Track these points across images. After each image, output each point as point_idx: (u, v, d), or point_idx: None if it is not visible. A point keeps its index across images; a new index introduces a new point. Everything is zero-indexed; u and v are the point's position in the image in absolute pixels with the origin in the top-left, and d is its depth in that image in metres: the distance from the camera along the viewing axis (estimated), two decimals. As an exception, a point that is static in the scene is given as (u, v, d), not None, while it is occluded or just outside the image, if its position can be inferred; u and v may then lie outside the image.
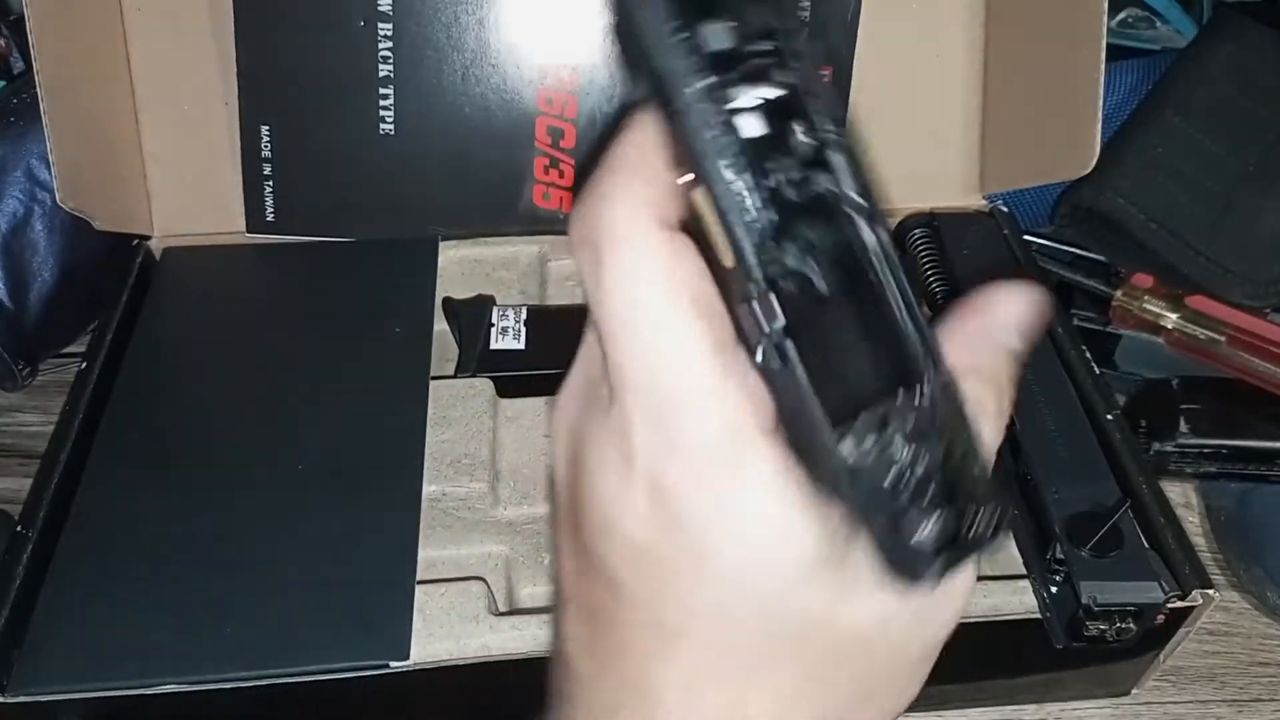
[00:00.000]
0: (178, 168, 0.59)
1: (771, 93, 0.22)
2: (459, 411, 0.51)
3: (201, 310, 0.57)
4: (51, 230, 0.59)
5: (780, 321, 0.22)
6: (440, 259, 0.58)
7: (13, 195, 0.58)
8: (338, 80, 0.57)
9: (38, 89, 0.49)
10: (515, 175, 0.58)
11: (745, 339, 0.23)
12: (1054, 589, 0.43)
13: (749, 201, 0.22)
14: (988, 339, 0.27)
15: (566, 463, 0.27)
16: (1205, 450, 0.55)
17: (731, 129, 0.22)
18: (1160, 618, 0.43)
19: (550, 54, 0.57)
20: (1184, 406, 0.56)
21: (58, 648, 0.42)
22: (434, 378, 0.52)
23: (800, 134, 0.22)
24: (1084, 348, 0.52)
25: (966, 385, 0.25)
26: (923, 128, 0.61)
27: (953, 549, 0.23)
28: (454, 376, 0.54)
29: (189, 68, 0.58)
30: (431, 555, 0.46)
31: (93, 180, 0.54)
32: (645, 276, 0.23)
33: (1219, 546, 0.56)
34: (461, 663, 0.42)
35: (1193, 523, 0.58)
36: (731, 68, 0.22)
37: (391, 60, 0.57)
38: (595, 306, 0.24)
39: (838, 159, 0.22)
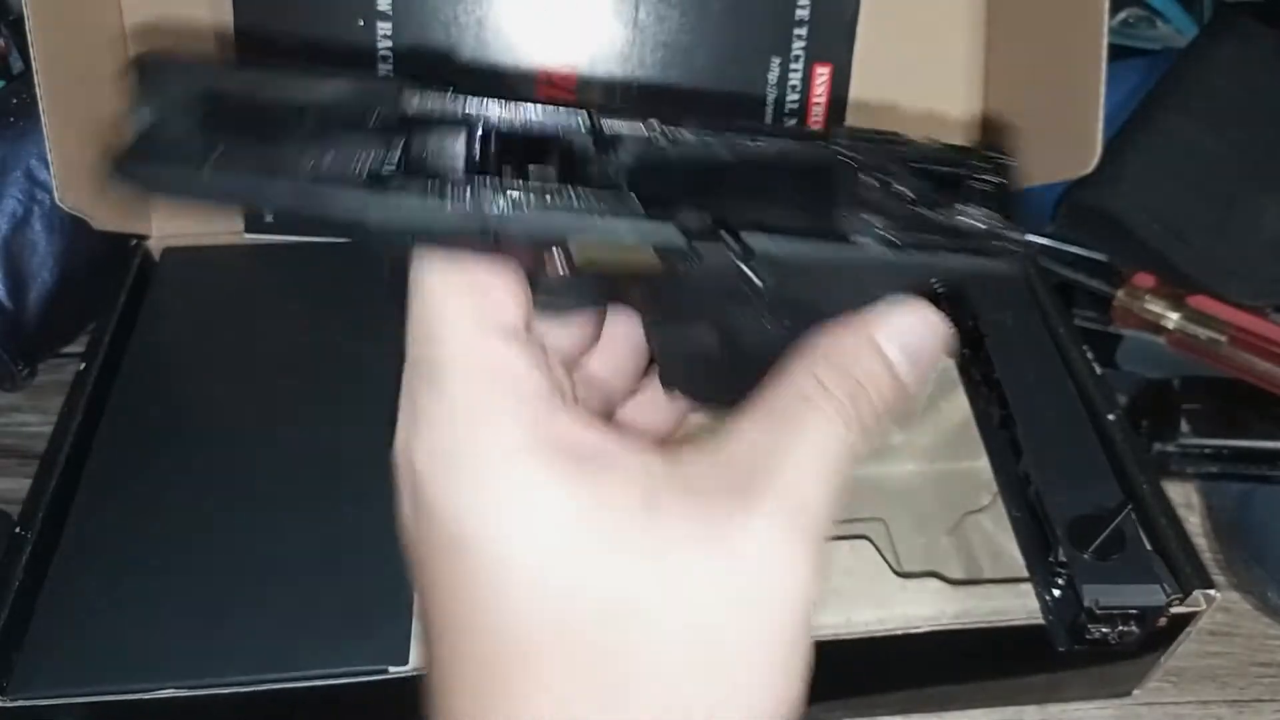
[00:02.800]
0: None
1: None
2: (459, 413, 0.50)
3: (200, 310, 0.57)
4: (51, 230, 0.59)
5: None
6: (440, 259, 0.57)
7: (12, 196, 0.58)
8: (337, 80, 0.57)
9: (37, 89, 0.49)
10: (515, 175, 0.58)
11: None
12: (1056, 592, 0.43)
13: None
14: (858, 333, 0.29)
15: None
16: (1206, 451, 0.55)
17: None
18: (1162, 620, 0.43)
19: (550, 53, 0.57)
20: (1185, 407, 0.56)
21: (57, 651, 0.42)
22: (434, 379, 0.52)
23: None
24: (1085, 348, 0.52)
25: (813, 367, 0.27)
26: (923, 127, 0.60)
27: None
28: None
29: (188, 67, 0.58)
30: (431, 558, 0.46)
31: (91, 180, 0.54)
32: (430, 272, 0.27)
33: (1220, 547, 0.56)
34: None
35: (1194, 523, 0.58)
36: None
37: (391, 60, 0.57)
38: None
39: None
